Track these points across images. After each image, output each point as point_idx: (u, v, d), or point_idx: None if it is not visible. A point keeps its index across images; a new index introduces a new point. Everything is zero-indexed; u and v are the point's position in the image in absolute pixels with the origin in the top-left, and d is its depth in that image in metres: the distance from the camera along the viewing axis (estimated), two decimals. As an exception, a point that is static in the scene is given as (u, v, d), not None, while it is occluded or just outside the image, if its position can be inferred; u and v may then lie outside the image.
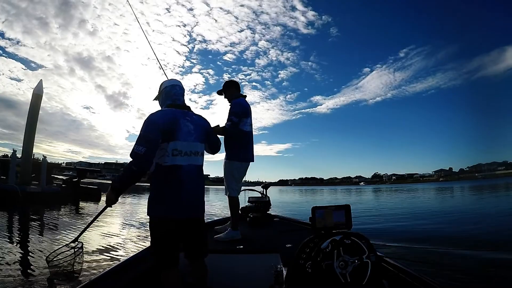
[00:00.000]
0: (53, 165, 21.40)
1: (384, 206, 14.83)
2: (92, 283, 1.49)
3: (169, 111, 1.60)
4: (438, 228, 7.35)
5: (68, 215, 10.13)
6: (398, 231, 6.85)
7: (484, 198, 18.57)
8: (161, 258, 1.50)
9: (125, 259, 1.92)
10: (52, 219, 8.72)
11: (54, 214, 9.87)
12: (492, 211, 10.84)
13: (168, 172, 1.51)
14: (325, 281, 1.25)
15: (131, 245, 5.39)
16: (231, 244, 2.42)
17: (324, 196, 31.40)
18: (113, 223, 7.98)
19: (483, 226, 7.31)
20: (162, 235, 1.51)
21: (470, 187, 38.08)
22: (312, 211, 1.41)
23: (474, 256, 4.08)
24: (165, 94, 1.70)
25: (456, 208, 12.95)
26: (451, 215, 10.06)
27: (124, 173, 1.46)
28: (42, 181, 14.92)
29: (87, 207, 12.76)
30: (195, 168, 1.59)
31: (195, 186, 1.58)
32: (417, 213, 11.08)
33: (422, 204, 15.73)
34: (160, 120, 1.52)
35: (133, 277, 1.73)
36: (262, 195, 4.11)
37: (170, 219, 1.49)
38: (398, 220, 8.99)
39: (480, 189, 30.09)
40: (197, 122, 1.65)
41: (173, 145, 1.51)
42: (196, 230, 1.62)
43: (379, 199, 22.07)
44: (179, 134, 1.53)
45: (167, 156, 1.51)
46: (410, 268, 1.60)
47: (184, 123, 1.57)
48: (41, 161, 15.98)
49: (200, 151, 1.63)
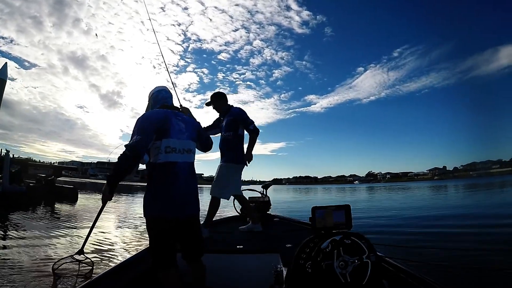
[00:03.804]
0: (28, 163, 20.39)
1: (379, 205, 15.21)
2: (92, 283, 1.53)
3: (161, 111, 1.72)
4: (437, 226, 7.62)
5: (31, 218, 8.30)
6: (395, 231, 7.06)
7: (482, 194, 19.32)
8: (158, 257, 1.57)
9: (125, 259, 1.96)
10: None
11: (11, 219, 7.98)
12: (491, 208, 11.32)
13: (162, 169, 1.60)
14: (325, 281, 1.28)
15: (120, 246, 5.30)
16: (231, 244, 2.49)
17: (318, 195, 31.85)
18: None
19: (483, 223, 7.63)
20: (158, 234, 1.57)
21: (465, 185, 39.55)
22: (312, 211, 1.45)
23: (474, 256, 4.27)
24: (153, 100, 1.85)
25: (453, 204, 13.48)
26: (447, 212, 10.49)
27: (118, 161, 1.51)
28: (4, 180, 13.49)
29: (62, 209, 11.63)
30: (188, 165, 1.71)
31: (189, 182, 1.68)
32: (413, 211, 11.43)
33: (418, 202, 16.25)
34: (153, 117, 1.64)
35: (133, 277, 1.79)
36: (262, 195, 4.19)
37: (166, 217, 1.56)
38: (394, 220, 9.25)
39: (476, 187, 31.34)
40: (188, 121, 1.79)
41: (166, 143, 1.61)
42: (192, 228, 1.69)
43: (373, 197, 22.67)
44: (172, 132, 1.64)
45: (160, 154, 1.60)
46: (410, 268, 1.67)
47: (176, 122, 1.69)
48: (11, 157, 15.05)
49: (192, 148, 1.76)
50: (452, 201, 16.81)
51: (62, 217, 8.77)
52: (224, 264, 2.14)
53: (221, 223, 3.73)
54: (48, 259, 4.08)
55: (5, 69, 16.09)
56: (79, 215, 9.23)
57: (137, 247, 5.24)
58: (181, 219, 1.61)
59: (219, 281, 1.93)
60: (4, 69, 16.01)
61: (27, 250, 4.63)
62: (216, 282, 1.87)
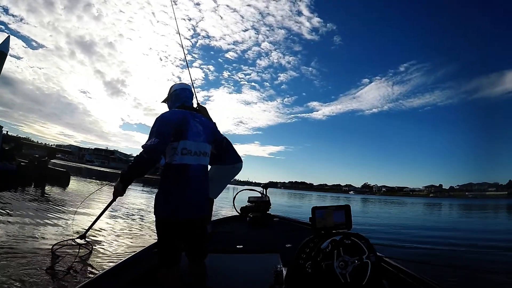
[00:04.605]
0: (22, 142, 20.07)
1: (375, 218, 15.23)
2: (92, 283, 1.54)
3: (179, 112, 1.73)
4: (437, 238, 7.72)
5: (18, 199, 7.96)
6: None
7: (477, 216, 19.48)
8: (164, 256, 1.60)
9: (125, 259, 1.96)
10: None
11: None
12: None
13: (176, 171, 1.62)
14: (325, 281, 1.29)
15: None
16: (231, 244, 2.51)
17: (312, 202, 31.88)
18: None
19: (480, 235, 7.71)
20: (166, 234, 1.60)
21: (460, 204, 39.82)
22: (312, 211, 1.46)
23: (475, 256, 4.31)
24: (175, 96, 1.86)
25: (449, 223, 13.56)
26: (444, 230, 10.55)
27: (134, 161, 1.54)
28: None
29: (53, 192, 11.33)
30: (202, 167, 1.73)
31: (201, 185, 1.71)
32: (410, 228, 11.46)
33: (413, 218, 16.30)
34: (172, 118, 1.65)
35: (133, 277, 1.81)
36: (262, 195, 4.21)
37: (176, 218, 1.59)
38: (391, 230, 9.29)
39: (471, 207, 31.57)
40: (206, 123, 1.82)
41: (183, 144, 1.63)
42: (199, 229, 1.72)
43: (368, 209, 22.71)
44: (189, 133, 1.66)
45: (176, 155, 1.62)
46: (410, 268, 1.68)
47: (194, 124, 1.71)
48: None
49: (208, 151, 1.79)
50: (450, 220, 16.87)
51: (50, 201, 8.61)
52: (224, 264, 2.15)
53: (221, 223, 3.73)
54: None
55: (7, 42, 15.96)
56: (66, 200, 9.05)
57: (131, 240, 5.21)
58: (190, 221, 1.64)
59: (219, 281, 1.94)
60: (6, 42, 15.88)
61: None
62: (216, 282, 1.88)
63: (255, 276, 2.02)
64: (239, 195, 4.47)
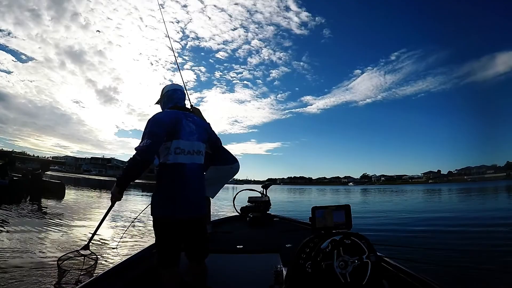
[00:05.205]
0: (15, 156, 19.80)
1: (376, 208, 15.38)
2: (92, 283, 1.54)
3: (172, 112, 1.75)
4: (436, 229, 7.80)
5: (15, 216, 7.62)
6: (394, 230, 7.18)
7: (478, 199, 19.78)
8: (162, 256, 1.60)
9: (125, 259, 1.97)
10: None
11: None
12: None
13: (171, 170, 1.63)
14: (325, 281, 1.29)
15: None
16: (231, 244, 2.50)
17: (312, 196, 32.07)
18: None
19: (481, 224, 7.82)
20: (164, 234, 1.61)
21: (459, 189, 40.37)
22: (312, 211, 1.46)
23: (475, 256, 4.38)
24: (167, 97, 1.88)
25: (448, 208, 13.76)
26: (443, 215, 10.69)
27: (128, 164, 1.55)
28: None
29: (48, 205, 11.21)
30: (197, 166, 1.74)
31: (197, 184, 1.71)
32: (409, 215, 11.60)
33: (415, 205, 16.50)
34: (164, 119, 1.67)
35: (133, 277, 1.81)
36: (262, 195, 4.21)
37: (173, 218, 1.59)
38: (391, 222, 9.38)
39: (471, 191, 32.06)
40: (199, 122, 1.83)
41: (176, 144, 1.64)
42: (198, 230, 1.72)
43: (368, 200, 22.94)
44: (182, 133, 1.67)
45: (170, 155, 1.63)
46: (410, 268, 1.69)
47: (187, 123, 1.72)
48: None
49: (202, 150, 1.79)
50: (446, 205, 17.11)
51: (47, 214, 8.58)
52: (224, 264, 2.16)
53: (221, 223, 3.73)
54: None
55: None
56: (62, 213, 8.93)
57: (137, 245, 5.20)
58: (187, 220, 1.64)
59: (219, 281, 1.95)
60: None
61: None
62: (216, 282, 1.89)
63: (255, 276, 2.03)
64: (239, 195, 4.48)
